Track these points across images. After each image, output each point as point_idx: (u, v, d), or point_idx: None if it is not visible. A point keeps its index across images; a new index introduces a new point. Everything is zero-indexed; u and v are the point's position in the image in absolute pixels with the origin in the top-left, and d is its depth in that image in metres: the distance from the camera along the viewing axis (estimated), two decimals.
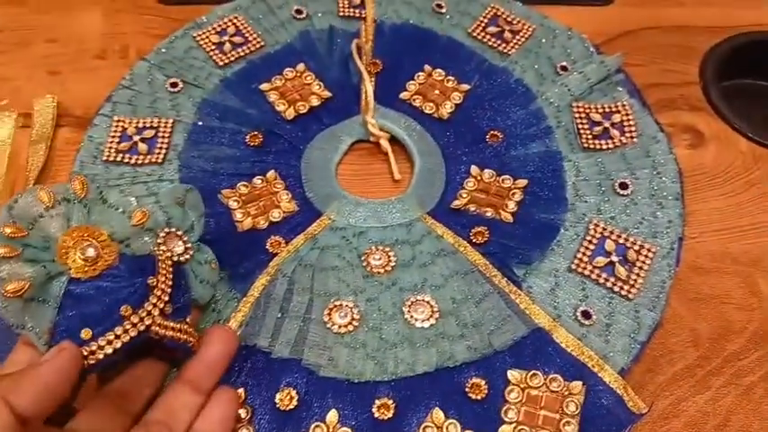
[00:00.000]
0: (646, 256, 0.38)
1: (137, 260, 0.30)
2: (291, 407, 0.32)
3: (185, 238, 0.32)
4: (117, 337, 0.28)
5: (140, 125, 0.42)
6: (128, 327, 0.28)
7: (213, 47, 0.46)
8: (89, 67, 0.47)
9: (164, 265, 0.30)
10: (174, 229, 0.31)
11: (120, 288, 0.29)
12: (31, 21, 0.50)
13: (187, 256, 0.31)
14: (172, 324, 0.29)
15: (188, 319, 0.31)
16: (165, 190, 0.32)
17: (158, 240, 0.31)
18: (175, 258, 0.31)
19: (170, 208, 0.31)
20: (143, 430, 0.28)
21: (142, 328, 0.28)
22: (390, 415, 0.32)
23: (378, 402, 0.32)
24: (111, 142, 0.41)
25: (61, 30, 0.49)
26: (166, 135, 0.42)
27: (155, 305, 0.29)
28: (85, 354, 0.27)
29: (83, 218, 0.29)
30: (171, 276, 0.30)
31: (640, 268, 0.37)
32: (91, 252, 0.28)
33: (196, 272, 0.32)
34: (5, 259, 0.27)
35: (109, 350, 0.27)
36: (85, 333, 0.27)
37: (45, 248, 0.28)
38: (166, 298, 0.29)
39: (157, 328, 0.28)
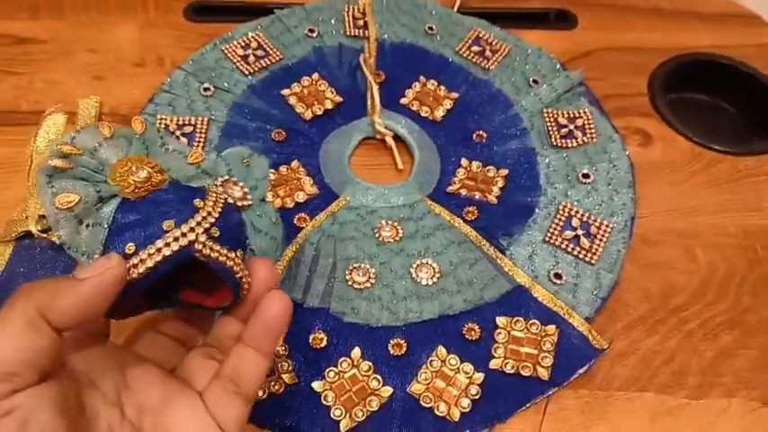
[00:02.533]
0: (605, 231, 0.46)
1: (187, 188, 0.29)
2: (322, 346, 0.39)
3: (246, 189, 0.32)
4: (158, 250, 0.27)
5: (180, 122, 0.49)
6: (169, 240, 0.27)
7: (239, 58, 0.54)
8: (130, 74, 0.54)
9: (214, 196, 0.29)
10: (234, 179, 0.32)
11: (167, 208, 0.28)
12: (72, 34, 0.56)
13: (245, 203, 0.31)
14: (218, 247, 0.28)
15: (240, 254, 0.29)
16: (229, 150, 0.34)
17: (216, 182, 0.31)
18: (231, 201, 0.30)
19: (233, 163, 0.33)
20: (219, 384, 0.28)
21: (184, 242, 0.27)
22: (403, 351, 0.39)
23: (392, 342, 0.40)
24: None
25: (100, 42, 0.56)
26: (203, 131, 0.49)
27: (199, 223, 0.27)
28: (128, 267, 0.26)
29: (141, 152, 0.29)
30: (220, 208, 0.29)
31: (600, 240, 0.45)
32: (142, 174, 0.28)
33: (254, 222, 0.32)
34: (59, 172, 0.27)
35: (150, 263, 0.26)
36: (129, 248, 0.27)
37: (99, 171, 0.28)
38: (212, 220, 0.28)
39: (201, 247, 0.27)
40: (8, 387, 0.22)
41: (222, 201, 0.29)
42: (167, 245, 0.27)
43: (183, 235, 0.27)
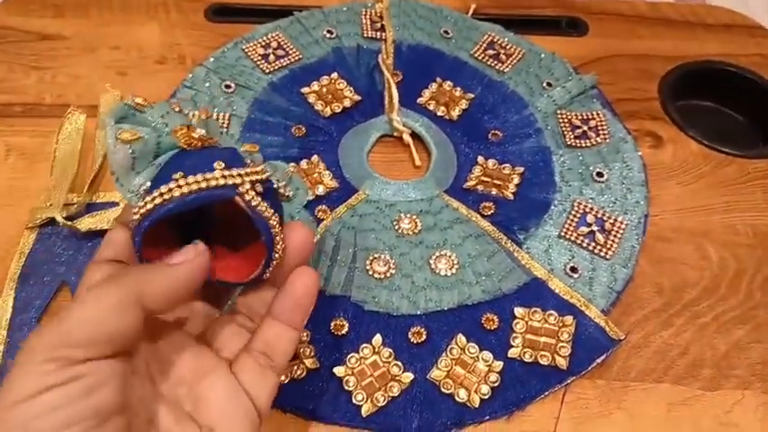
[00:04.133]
0: (619, 228, 0.47)
1: (240, 153, 0.30)
2: (343, 332, 0.40)
3: (286, 188, 0.34)
4: (205, 179, 0.27)
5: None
6: (218, 176, 0.27)
7: (259, 57, 0.55)
8: (152, 71, 0.55)
9: (260, 164, 0.31)
10: (276, 178, 0.32)
11: (221, 156, 0.28)
12: (95, 31, 0.58)
13: (284, 192, 0.33)
14: (260, 201, 0.28)
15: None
16: (275, 162, 0.37)
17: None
18: (275, 185, 0.30)
19: (277, 171, 0.35)
20: (251, 358, 0.29)
21: (230, 182, 0.27)
22: (423, 339, 0.40)
23: (412, 330, 0.40)
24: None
25: (123, 39, 0.57)
26: (225, 126, 0.50)
27: (247, 173, 0.28)
28: (169, 188, 0.26)
29: (199, 128, 0.30)
30: (266, 175, 0.29)
31: (615, 236, 0.46)
32: (201, 131, 0.29)
33: (291, 214, 0.35)
34: (131, 110, 0.29)
35: (194, 187, 0.26)
36: (178, 175, 0.27)
37: (164, 125, 0.29)
38: (259, 177, 0.28)
39: (244, 191, 0.27)
40: (83, 354, 0.23)
41: (268, 173, 0.29)
42: (213, 178, 0.27)
43: (231, 176, 0.27)
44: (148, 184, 0.28)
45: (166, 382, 0.28)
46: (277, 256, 0.29)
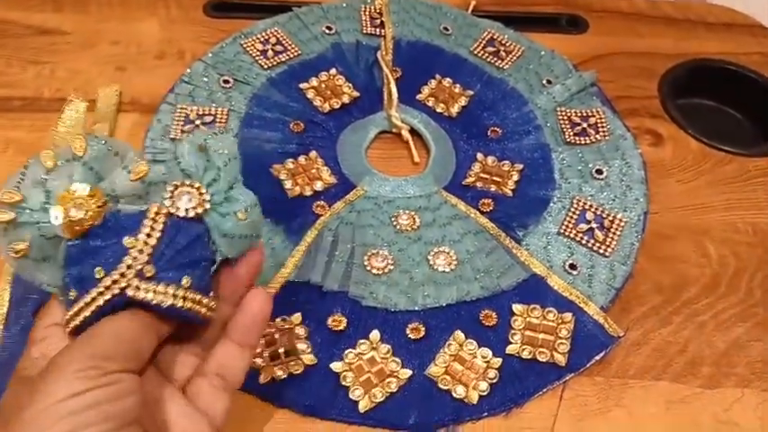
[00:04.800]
0: (618, 225, 0.47)
1: (124, 218, 0.27)
2: (341, 328, 0.40)
3: (203, 190, 0.29)
4: (93, 300, 0.26)
5: (200, 112, 0.50)
6: (101, 290, 0.26)
7: (258, 53, 0.55)
8: (151, 66, 0.54)
9: (149, 223, 0.27)
10: (188, 182, 0.28)
11: (97, 249, 0.27)
12: (95, 27, 0.57)
13: (200, 210, 0.28)
14: (155, 287, 0.26)
15: (186, 282, 0.27)
16: (183, 140, 0.30)
17: (164, 195, 0.28)
18: (181, 213, 0.28)
19: (189, 157, 0.29)
20: (205, 381, 0.30)
21: (116, 291, 0.26)
22: (421, 335, 0.40)
23: (410, 326, 0.40)
24: (177, 124, 0.49)
25: (122, 35, 0.57)
26: (223, 121, 0.50)
27: (129, 266, 0.26)
28: (69, 315, 0.27)
29: (85, 176, 0.28)
30: (158, 234, 0.27)
31: (614, 233, 0.46)
32: (74, 213, 0.27)
33: (219, 226, 0.29)
34: (6, 223, 0.27)
35: (87, 312, 0.26)
36: (71, 294, 0.27)
37: (45, 210, 0.27)
38: (144, 259, 0.26)
39: (134, 292, 0.26)
40: (114, 366, 0.25)
41: (163, 223, 0.27)
42: (100, 294, 0.26)
43: (114, 282, 0.26)
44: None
45: None
46: (207, 316, 0.28)
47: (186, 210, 0.28)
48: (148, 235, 0.27)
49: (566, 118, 0.53)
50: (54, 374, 0.24)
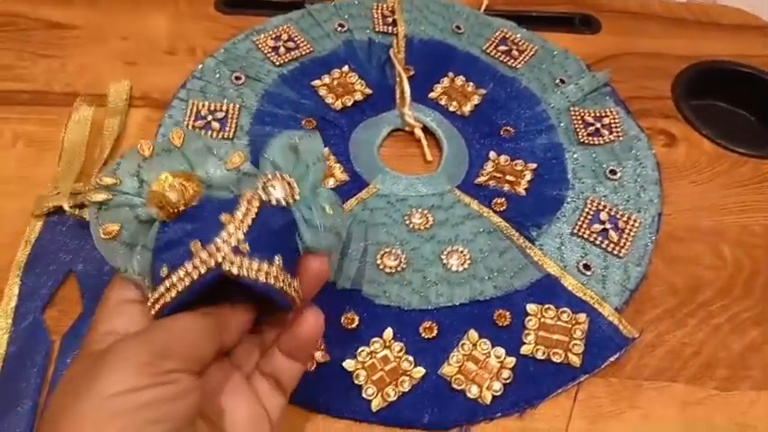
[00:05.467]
0: (632, 226, 0.46)
1: (220, 201, 0.28)
2: (353, 326, 0.39)
3: (292, 182, 0.30)
4: (187, 273, 0.26)
5: (212, 108, 0.50)
6: (196, 263, 0.26)
7: (270, 50, 0.54)
8: (162, 61, 0.54)
9: (245, 203, 0.28)
10: (279, 174, 0.30)
11: (196, 228, 0.27)
12: (105, 21, 0.57)
13: (290, 199, 0.29)
14: (249, 263, 0.26)
15: (278, 261, 0.28)
16: (275, 138, 0.32)
17: (257, 184, 0.29)
18: (273, 201, 0.29)
19: (279, 155, 0.31)
20: (263, 379, 0.30)
21: (211, 264, 0.26)
22: (434, 334, 0.39)
23: (424, 325, 0.40)
24: (189, 120, 0.49)
25: (132, 30, 0.57)
26: (234, 117, 0.49)
27: (225, 241, 0.26)
28: (160, 292, 0.27)
29: (181, 166, 0.29)
30: (253, 216, 0.27)
31: (629, 234, 0.46)
32: (172, 195, 0.28)
33: (305, 216, 0.30)
34: (100, 205, 0.28)
35: (180, 287, 0.26)
36: (163, 271, 0.27)
37: (138, 194, 0.29)
38: (240, 235, 0.27)
39: (229, 266, 0.26)
40: (173, 366, 0.25)
41: (257, 207, 0.28)
42: (195, 267, 0.26)
43: (210, 255, 0.26)
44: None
45: None
46: (295, 300, 0.29)
47: (277, 199, 0.29)
48: (244, 214, 0.27)
49: (579, 118, 0.52)
50: (116, 364, 0.24)
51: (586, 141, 0.51)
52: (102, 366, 0.24)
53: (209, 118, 0.49)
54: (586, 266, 0.44)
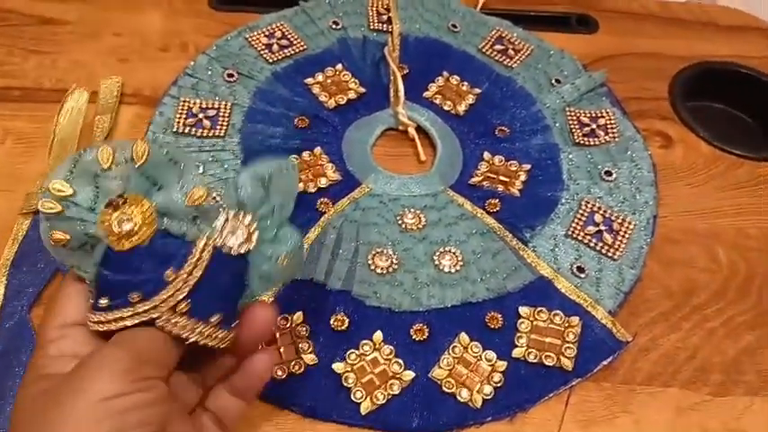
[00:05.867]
0: (627, 228, 0.46)
1: (171, 244, 0.27)
2: (343, 328, 0.39)
3: (253, 227, 0.29)
4: (121, 318, 0.27)
5: (203, 105, 0.49)
6: (132, 313, 0.26)
7: (263, 47, 0.54)
8: (154, 58, 0.54)
9: (192, 260, 0.27)
10: (241, 216, 0.28)
11: (141, 271, 0.27)
12: (98, 17, 0.56)
13: (246, 248, 0.28)
14: (184, 323, 0.27)
15: (216, 320, 0.28)
16: (248, 168, 0.30)
17: (216, 224, 0.28)
18: (225, 250, 0.28)
19: (249, 187, 0.29)
20: (206, 413, 0.30)
21: (146, 318, 0.26)
22: (425, 337, 0.39)
23: (414, 327, 0.39)
24: (179, 118, 0.48)
25: (125, 27, 0.56)
26: (226, 115, 0.49)
27: (164, 301, 0.26)
28: (96, 320, 0.27)
29: (140, 185, 0.28)
30: (200, 272, 0.27)
31: (623, 236, 0.45)
32: (126, 226, 0.27)
33: (257, 264, 0.29)
34: (51, 215, 0.27)
35: (114, 327, 0.27)
36: (102, 302, 0.27)
37: (91, 209, 0.27)
38: (181, 296, 0.27)
39: (163, 323, 0.26)
40: (151, 372, 0.26)
41: (207, 261, 0.27)
42: (131, 316, 0.27)
43: (146, 311, 0.27)
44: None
45: None
46: (227, 345, 0.29)
47: (232, 247, 0.28)
48: (190, 272, 0.27)
49: (575, 118, 0.52)
50: (102, 371, 0.25)
51: (582, 142, 0.50)
52: (86, 375, 0.25)
53: (201, 116, 0.48)
54: (580, 269, 0.43)
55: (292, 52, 0.54)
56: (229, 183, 0.29)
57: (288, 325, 0.39)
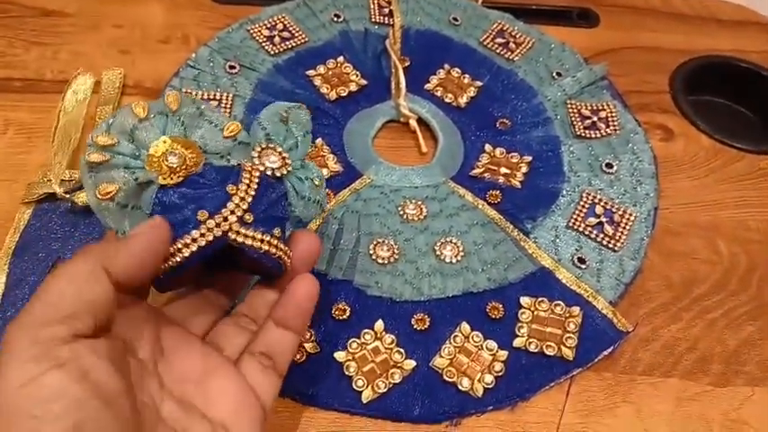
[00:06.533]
0: (628, 219, 0.46)
1: (222, 170, 0.29)
2: (345, 317, 0.39)
3: (285, 154, 0.31)
4: (194, 240, 0.27)
5: (205, 97, 0.49)
6: (204, 231, 0.27)
7: (265, 39, 0.54)
8: (155, 50, 0.54)
9: (247, 175, 0.29)
10: (272, 145, 0.31)
11: (201, 195, 0.28)
12: (99, 9, 0.56)
13: (284, 171, 0.31)
14: (252, 233, 0.28)
15: (277, 233, 0.30)
16: (267, 108, 0.32)
17: (252, 154, 0.30)
18: (268, 172, 0.30)
19: (271, 124, 0.32)
20: (253, 358, 0.30)
21: (218, 233, 0.27)
22: (426, 326, 0.39)
23: (416, 317, 0.39)
24: None
25: (126, 19, 0.56)
26: (228, 106, 0.49)
27: (232, 212, 0.28)
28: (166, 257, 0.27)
29: (176, 130, 0.29)
30: (255, 186, 0.29)
31: (624, 227, 0.45)
32: (174, 160, 0.28)
33: (296, 188, 0.31)
34: (96, 165, 0.28)
35: (186, 253, 0.27)
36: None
37: (135, 157, 0.29)
38: (245, 206, 0.28)
39: (235, 236, 0.28)
40: (68, 330, 0.23)
41: (257, 178, 0.29)
42: (202, 235, 0.27)
43: (217, 225, 0.28)
44: None
45: (174, 379, 0.28)
46: (286, 267, 0.30)
47: (273, 170, 0.30)
48: (248, 185, 0.29)
49: (576, 111, 0.52)
50: (8, 354, 0.22)
51: (583, 134, 0.50)
52: (1, 362, 0.22)
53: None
54: (581, 260, 0.43)
55: (294, 44, 0.54)
56: (254, 122, 0.32)
57: None
